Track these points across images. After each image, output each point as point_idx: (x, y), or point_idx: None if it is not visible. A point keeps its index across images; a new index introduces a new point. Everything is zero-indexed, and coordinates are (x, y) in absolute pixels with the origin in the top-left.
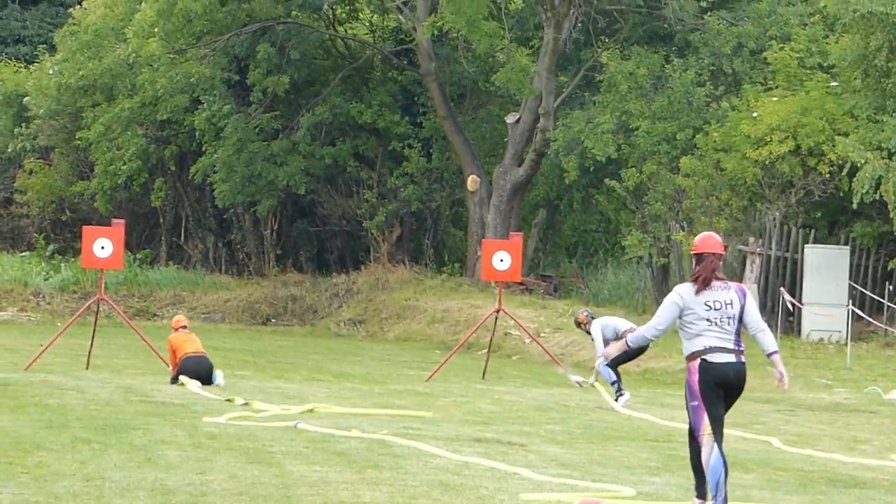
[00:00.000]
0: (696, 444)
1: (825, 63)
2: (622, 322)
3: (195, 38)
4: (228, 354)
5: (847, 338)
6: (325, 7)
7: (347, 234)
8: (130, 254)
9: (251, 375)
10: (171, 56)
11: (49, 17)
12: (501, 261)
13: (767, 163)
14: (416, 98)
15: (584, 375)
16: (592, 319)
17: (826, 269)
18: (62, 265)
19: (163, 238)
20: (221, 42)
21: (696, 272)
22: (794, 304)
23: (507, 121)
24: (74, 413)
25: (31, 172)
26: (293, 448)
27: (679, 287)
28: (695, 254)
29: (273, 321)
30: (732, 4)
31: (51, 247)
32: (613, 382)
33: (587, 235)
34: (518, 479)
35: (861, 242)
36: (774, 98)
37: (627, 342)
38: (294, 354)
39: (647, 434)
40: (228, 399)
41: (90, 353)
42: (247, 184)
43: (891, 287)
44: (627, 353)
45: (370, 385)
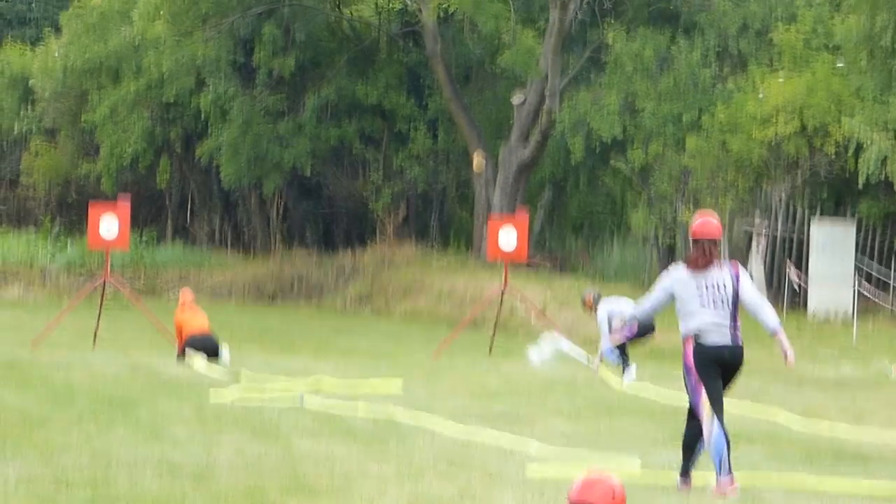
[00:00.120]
0: (696, 424)
1: (831, 43)
2: (628, 308)
3: (201, 20)
4: (235, 331)
5: (853, 314)
6: None
7: (353, 215)
8: (137, 232)
9: (258, 352)
10: (177, 38)
11: (55, 0)
12: (507, 238)
13: (773, 143)
14: (422, 79)
15: (590, 352)
16: (599, 302)
17: (832, 246)
18: (68, 245)
19: (169, 218)
20: (227, 23)
21: (691, 257)
22: (800, 281)
23: (513, 101)
24: (81, 389)
25: (37, 154)
26: (299, 423)
27: (672, 269)
28: (693, 237)
29: (279, 299)
30: None
31: (57, 227)
32: (618, 363)
33: (593, 215)
34: (524, 453)
35: (867, 222)
36: (780, 78)
37: (628, 326)
38: (300, 331)
39: (653, 408)
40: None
41: (97, 332)
42: (252, 165)
43: None
44: (637, 333)
45: (376, 361)
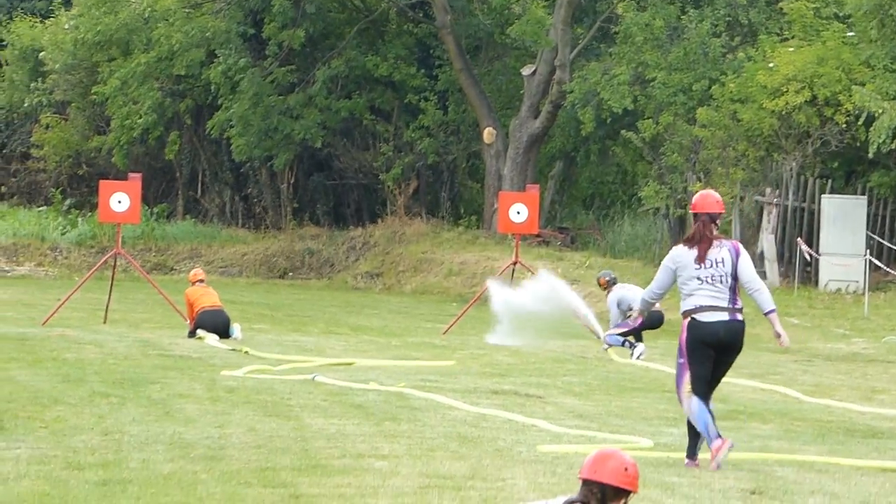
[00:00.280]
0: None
1: (841, 13)
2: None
3: None
4: (246, 308)
5: (864, 288)
6: None
7: (364, 188)
8: (147, 208)
9: (269, 329)
10: (187, 10)
11: None
12: (518, 213)
13: (784, 113)
14: (432, 51)
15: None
16: (613, 285)
17: (843, 220)
18: (79, 220)
19: (179, 192)
20: None
21: (689, 232)
22: (812, 255)
23: (523, 73)
24: (92, 367)
25: (48, 127)
26: (311, 401)
27: (673, 249)
28: (693, 212)
29: (290, 275)
30: None
31: (68, 201)
32: (623, 343)
33: (604, 187)
34: (536, 431)
35: (878, 192)
36: (790, 48)
37: (638, 312)
38: (311, 308)
39: (665, 385)
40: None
41: (108, 308)
42: (263, 138)
43: None
44: (644, 325)
45: (387, 338)
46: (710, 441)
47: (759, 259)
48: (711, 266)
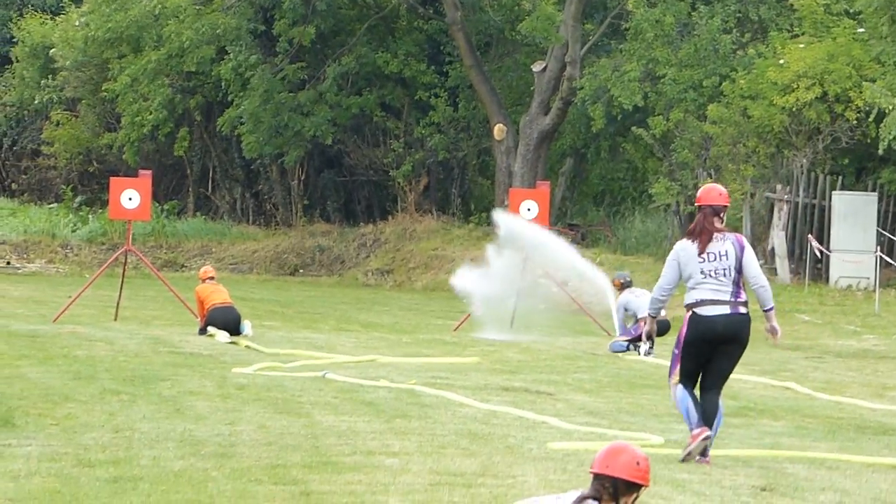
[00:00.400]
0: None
1: (851, 9)
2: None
3: None
4: (256, 305)
5: (875, 284)
6: None
7: (374, 184)
8: (158, 205)
9: (279, 326)
10: (197, 7)
11: None
12: (528, 210)
13: (794, 110)
14: (443, 47)
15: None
16: (625, 288)
17: (854, 216)
18: (90, 216)
19: (190, 189)
20: None
21: (693, 225)
22: (822, 251)
23: (534, 69)
24: (103, 364)
25: (58, 124)
26: (322, 398)
27: (678, 243)
28: (697, 205)
29: (301, 271)
30: None
31: (78, 198)
32: (626, 349)
33: (614, 184)
34: (546, 428)
35: (889, 189)
36: (801, 45)
37: (649, 314)
38: (322, 305)
39: None
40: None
41: (118, 305)
42: (274, 135)
43: None
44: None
45: (398, 335)
46: (691, 427)
47: (770, 256)
48: (715, 259)
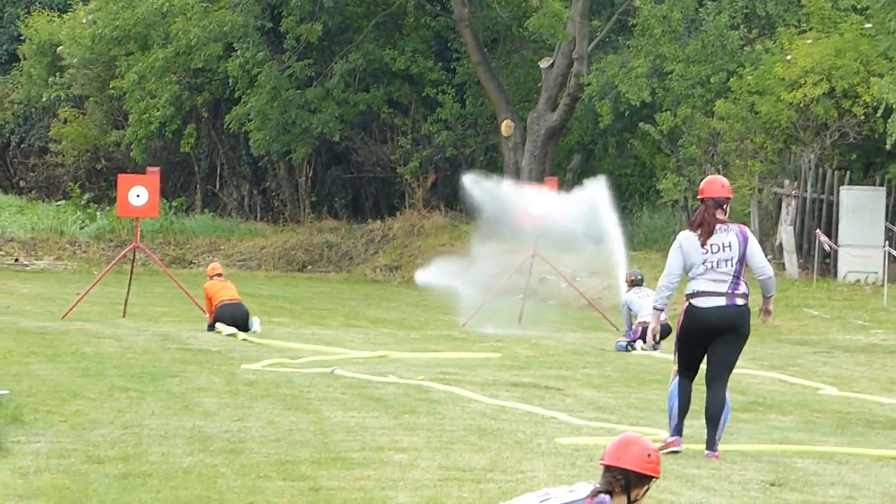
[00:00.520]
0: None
1: (859, 5)
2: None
3: None
4: (265, 301)
5: (884, 279)
6: None
7: (382, 181)
8: (166, 202)
9: (288, 322)
10: (204, 4)
11: None
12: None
13: (802, 105)
14: (450, 44)
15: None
16: (635, 285)
17: (862, 211)
18: (98, 214)
19: (198, 186)
20: None
21: (694, 217)
22: (831, 246)
23: (541, 66)
24: (112, 361)
25: (66, 121)
26: (330, 394)
27: (680, 234)
28: (699, 197)
29: (309, 268)
30: None
31: (86, 195)
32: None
33: (622, 180)
34: (555, 424)
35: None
36: (808, 40)
37: (656, 306)
38: (330, 301)
39: None
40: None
41: (127, 302)
42: (281, 132)
43: None
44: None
45: (406, 330)
46: (670, 430)
47: (778, 251)
48: (718, 250)
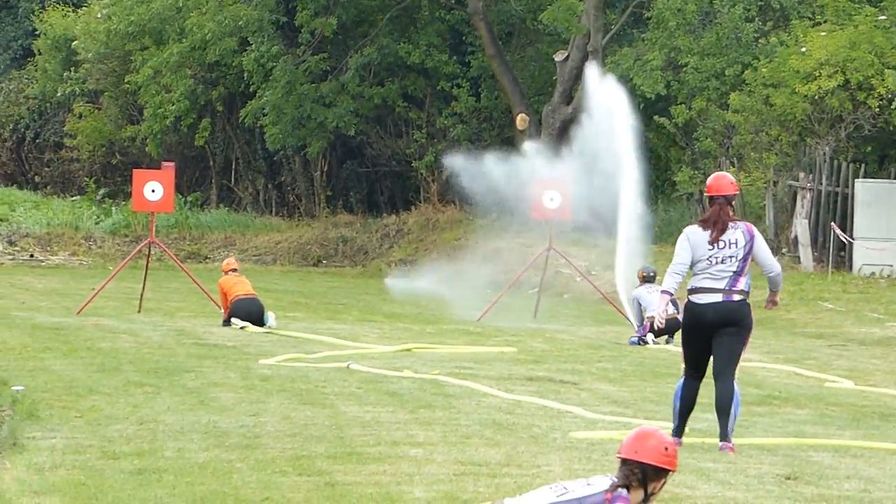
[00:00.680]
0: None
1: None
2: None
3: None
4: (280, 296)
5: None
6: None
7: (397, 175)
8: (181, 196)
9: (303, 317)
10: None
11: None
12: (551, 199)
13: (817, 98)
14: (464, 37)
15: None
16: (646, 281)
17: (877, 204)
18: (113, 209)
19: (213, 181)
20: None
21: (705, 214)
22: (846, 239)
23: (556, 59)
24: (127, 356)
25: (81, 116)
26: (346, 389)
27: (687, 228)
28: (708, 195)
29: (324, 262)
30: None
31: (101, 190)
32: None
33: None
34: (570, 418)
35: None
36: (823, 33)
37: (663, 290)
38: (345, 295)
39: None
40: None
41: (142, 297)
42: (297, 126)
43: None
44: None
45: (422, 325)
46: (673, 429)
47: (793, 244)
48: (725, 247)
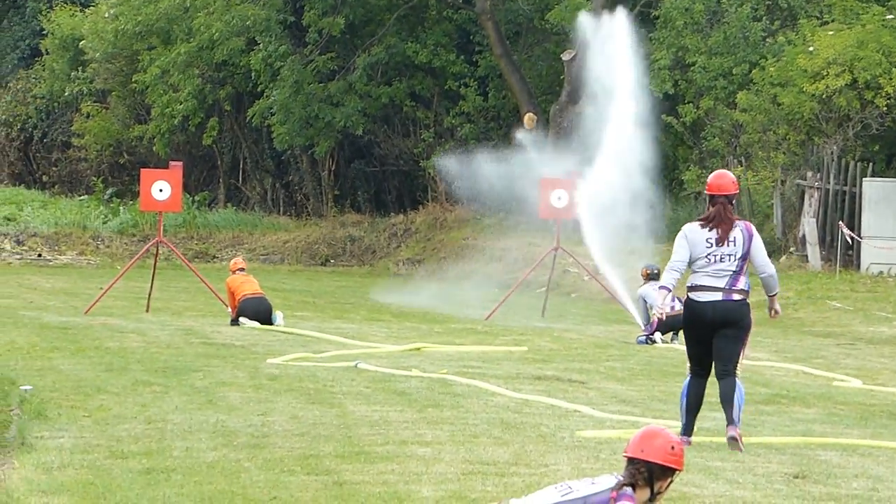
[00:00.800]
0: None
1: None
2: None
3: None
4: (288, 295)
5: None
6: None
7: (405, 174)
8: (189, 196)
9: (311, 316)
10: None
11: None
12: (559, 198)
13: (824, 97)
14: (472, 36)
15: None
16: (651, 279)
17: (885, 203)
18: (120, 208)
19: (221, 180)
20: None
21: (705, 213)
22: (853, 238)
23: (564, 58)
24: (135, 356)
25: (88, 116)
26: (354, 388)
27: (686, 225)
28: (709, 194)
29: (332, 262)
30: None
31: (109, 190)
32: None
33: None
34: (578, 417)
35: None
36: (830, 32)
37: (662, 286)
38: (353, 295)
39: None
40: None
41: (150, 296)
42: (304, 126)
43: None
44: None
45: (430, 324)
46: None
47: (801, 243)
48: (723, 245)
